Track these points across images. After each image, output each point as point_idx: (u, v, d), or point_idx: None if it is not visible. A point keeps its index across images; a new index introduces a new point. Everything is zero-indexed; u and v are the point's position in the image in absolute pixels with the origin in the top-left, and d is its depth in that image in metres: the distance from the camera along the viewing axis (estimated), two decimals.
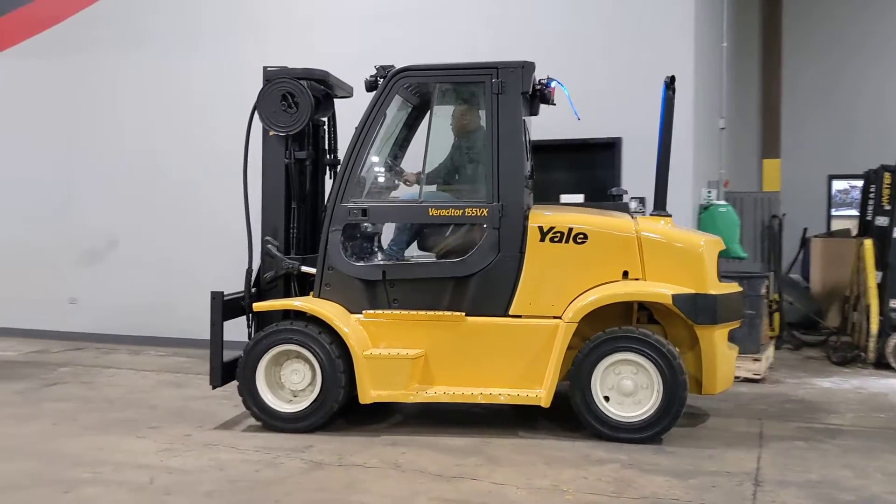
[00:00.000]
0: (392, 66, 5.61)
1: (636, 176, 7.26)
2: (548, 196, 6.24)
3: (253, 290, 5.84)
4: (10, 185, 9.65)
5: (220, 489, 4.26)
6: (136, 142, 9.08)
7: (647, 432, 5.15)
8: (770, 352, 7.62)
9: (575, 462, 4.76)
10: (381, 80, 5.60)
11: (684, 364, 5.24)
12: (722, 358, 5.37)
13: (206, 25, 8.87)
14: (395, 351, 5.40)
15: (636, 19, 7.41)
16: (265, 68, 5.88)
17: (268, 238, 5.83)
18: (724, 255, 7.56)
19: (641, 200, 7.25)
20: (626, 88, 7.30)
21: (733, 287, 5.57)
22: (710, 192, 7.80)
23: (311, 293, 5.64)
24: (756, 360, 7.05)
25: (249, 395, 5.43)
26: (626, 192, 6.07)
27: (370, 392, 5.32)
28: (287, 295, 5.79)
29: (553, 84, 5.85)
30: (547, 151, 7.22)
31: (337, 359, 5.30)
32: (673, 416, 5.14)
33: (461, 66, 5.66)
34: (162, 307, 8.85)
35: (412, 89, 5.88)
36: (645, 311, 5.64)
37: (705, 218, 7.52)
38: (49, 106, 9.51)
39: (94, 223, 9.26)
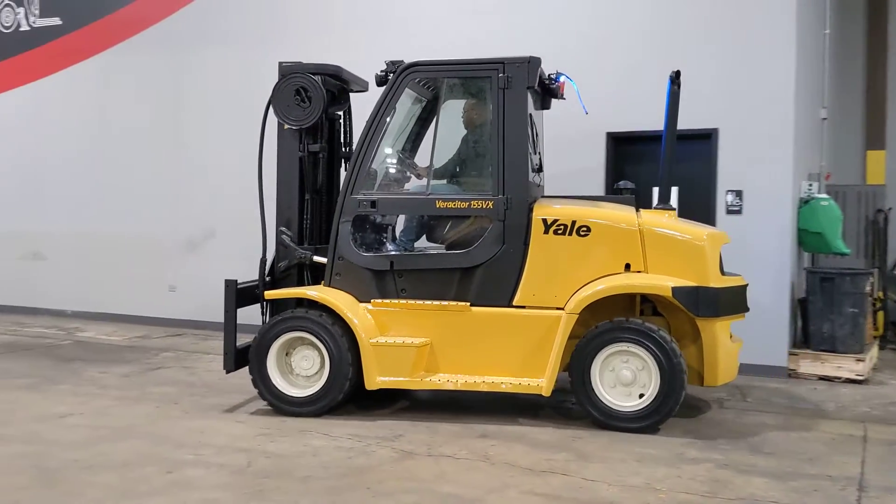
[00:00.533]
0: (402, 62, 5.69)
1: (733, 167, 7.08)
2: (640, 189, 6.13)
3: (267, 278, 5.98)
4: (120, 177, 10.10)
5: (315, 474, 4.36)
6: (231, 134, 9.35)
7: (645, 422, 5.20)
8: (874, 352, 7.31)
9: (668, 460, 4.68)
10: (391, 75, 5.68)
11: (686, 356, 5.34)
12: (724, 350, 5.39)
13: (290, 23, 9.04)
14: (400, 339, 5.52)
15: (736, 7, 7.17)
16: (280, 63, 6.02)
17: (282, 228, 5.98)
18: (825, 251, 7.28)
19: (738, 194, 7.04)
20: (724, 78, 7.09)
21: (737, 280, 5.59)
22: (811, 185, 7.50)
23: (322, 282, 5.77)
24: (859, 360, 6.78)
25: (260, 380, 5.61)
26: (633, 186, 6.04)
27: (376, 378, 5.47)
28: (300, 284, 5.93)
29: (562, 79, 5.96)
30: (640, 142, 7.09)
31: (344, 346, 5.45)
32: (671, 407, 5.18)
33: (468, 61, 5.75)
34: None
35: (423, 84, 5.97)
36: (649, 304, 5.67)
37: (805, 212, 7.24)
38: (154, 100, 9.90)
39: (193, 214, 9.61)
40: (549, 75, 5.97)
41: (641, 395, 5.24)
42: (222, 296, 5.78)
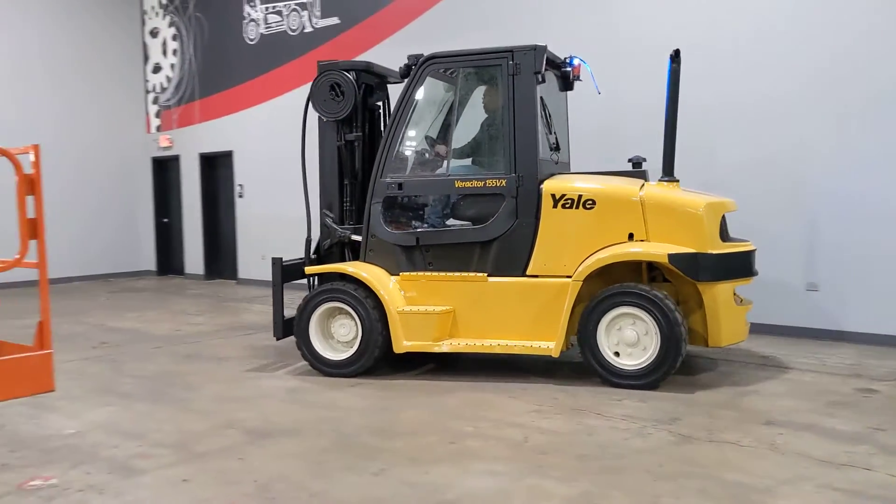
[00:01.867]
0: (422, 55, 6.20)
1: None
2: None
3: (314, 256, 6.69)
4: None
5: (592, 453, 4.35)
6: None
7: (647, 379, 5.61)
8: None
9: None
10: (413, 66, 6.21)
11: (693, 320, 5.82)
12: (726, 313, 5.73)
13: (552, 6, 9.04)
14: (423, 308, 6.08)
15: None
16: (319, 62, 6.60)
17: (325, 211, 6.70)
18: None
19: None
20: None
21: (740, 246, 5.90)
22: None
23: (360, 258, 6.40)
24: None
25: (304, 344, 6.32)
26: (644, 160, 6.34)
27: (402, 342, 6.07)
28: (342, 260, 6.62)
29: (576, 61, 6.50)
30: None
31: (374, 315, 6.07)
32: (670, 365, 5.56)
33: (481, 51, 6.20)
34: None
35: (446, 73, 6.43)
36: (659, 271, 5.97)
37: None
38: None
39: None
40: (563, 59, 6.49)
41: (642, 353, 5.65)
42: None
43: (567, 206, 5.85)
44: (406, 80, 6.24)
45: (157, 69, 14.70)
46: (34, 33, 13.37)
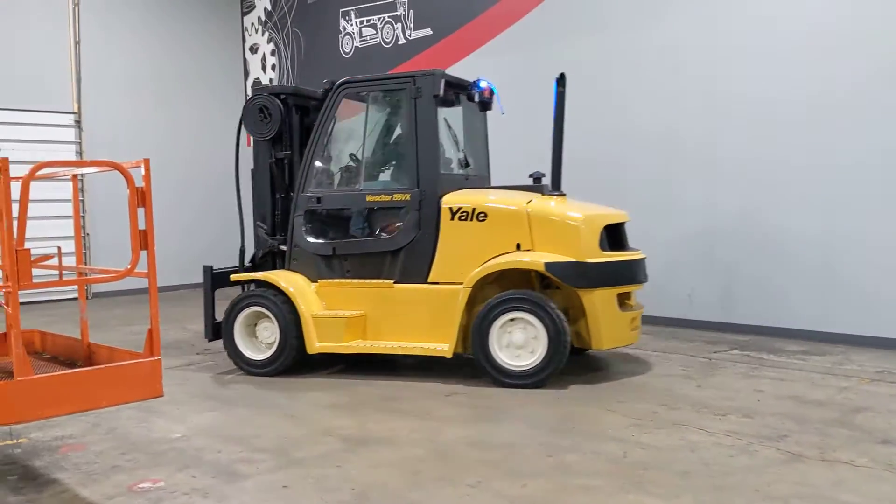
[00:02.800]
0: (336, 80, 6.86)
1: None
2: None
3: (250, 264, 7.39)
4: None
5: (695, 470, 4.20)
6: (593, 122, 9.44)
7: (534, 379, 6.04)
8: None
9: None
10: (329, 90, 6.87)
11: (579, 324, 6.22)
12: (607, 319, 6.15)
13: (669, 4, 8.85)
14: (335, 312, 6.60)
15: None
16: (252, 85, 7.03)
17: (258, 223, 7.35)
18: None
19: None
20: None
21: (625, 255, 6.38)
22: None
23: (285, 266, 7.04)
24: None
25: (229, 345, 6.89)
26: (543, 175, 6.69)
27: (315, 344, 6.57)
28: (273, 268, 7.19)
29: (483, 84, 7.05)
30: None
31: (290, 318, 6.60)
32: (555, 366, 6.02)
33: (387, 76, 7.18)
34: None
35: (358, 96, 6.96)
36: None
37: None
38: (518, 96, 10.35)
39: None
40: (470, 82, 7.03)
41: (530, 355, 6.09)
42: None
43: (463, 218, 6.39)
44: (324, 103, 6.91)
45: (256, 84, 15.17)
46: (145, 56, 14.01)
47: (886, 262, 7.21)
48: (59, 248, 4.76)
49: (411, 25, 11.77)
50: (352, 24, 12.88)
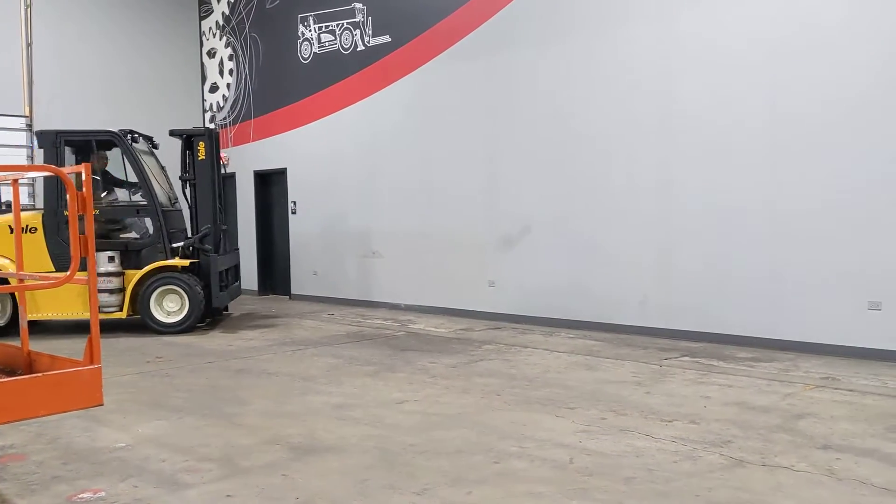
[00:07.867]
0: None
1: None
2: None
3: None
4: (444, 179, 10.78)
5: (639, 476, 4.24)
6: (550, 132, 9.51)
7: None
8: None
9: None
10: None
11: None
12: None
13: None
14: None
15: None
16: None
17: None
18: None
19: None
20: None
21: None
22: None
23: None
24: None
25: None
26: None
27: None
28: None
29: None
30: None
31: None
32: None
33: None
34: (576, 289, 9.20)
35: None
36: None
37: None
38: (476, 103, 10.41)
39: (510, 210, 9.95)
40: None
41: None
42: (539, 290, 5.87)
43: None
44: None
45: (213, 89, 15.03)
46: (98, 59, 13.82)
47: (835, 269, 7.36)
48: None
49: (370, 32, 11.77)
50: (310, 30, 12.83)
